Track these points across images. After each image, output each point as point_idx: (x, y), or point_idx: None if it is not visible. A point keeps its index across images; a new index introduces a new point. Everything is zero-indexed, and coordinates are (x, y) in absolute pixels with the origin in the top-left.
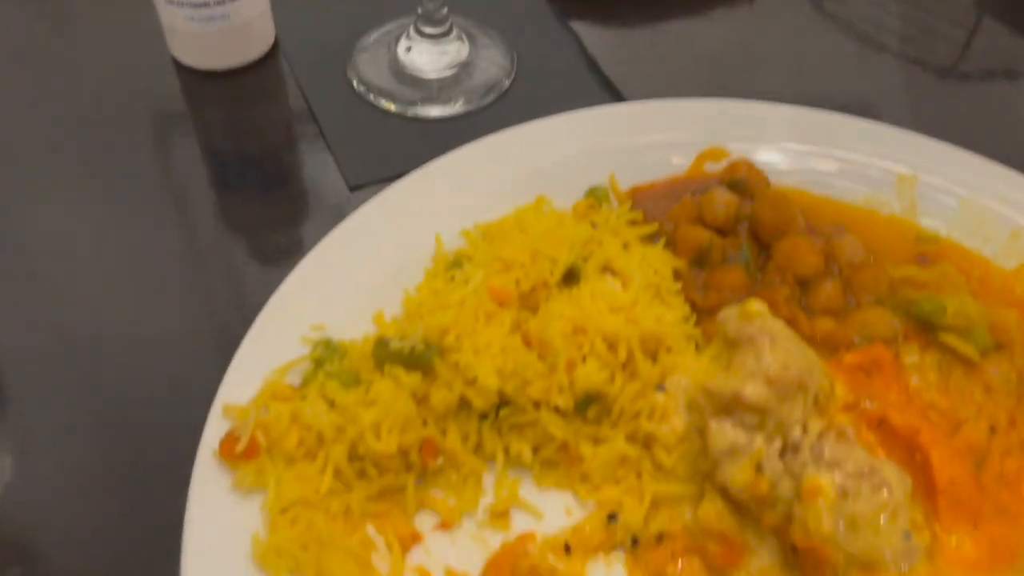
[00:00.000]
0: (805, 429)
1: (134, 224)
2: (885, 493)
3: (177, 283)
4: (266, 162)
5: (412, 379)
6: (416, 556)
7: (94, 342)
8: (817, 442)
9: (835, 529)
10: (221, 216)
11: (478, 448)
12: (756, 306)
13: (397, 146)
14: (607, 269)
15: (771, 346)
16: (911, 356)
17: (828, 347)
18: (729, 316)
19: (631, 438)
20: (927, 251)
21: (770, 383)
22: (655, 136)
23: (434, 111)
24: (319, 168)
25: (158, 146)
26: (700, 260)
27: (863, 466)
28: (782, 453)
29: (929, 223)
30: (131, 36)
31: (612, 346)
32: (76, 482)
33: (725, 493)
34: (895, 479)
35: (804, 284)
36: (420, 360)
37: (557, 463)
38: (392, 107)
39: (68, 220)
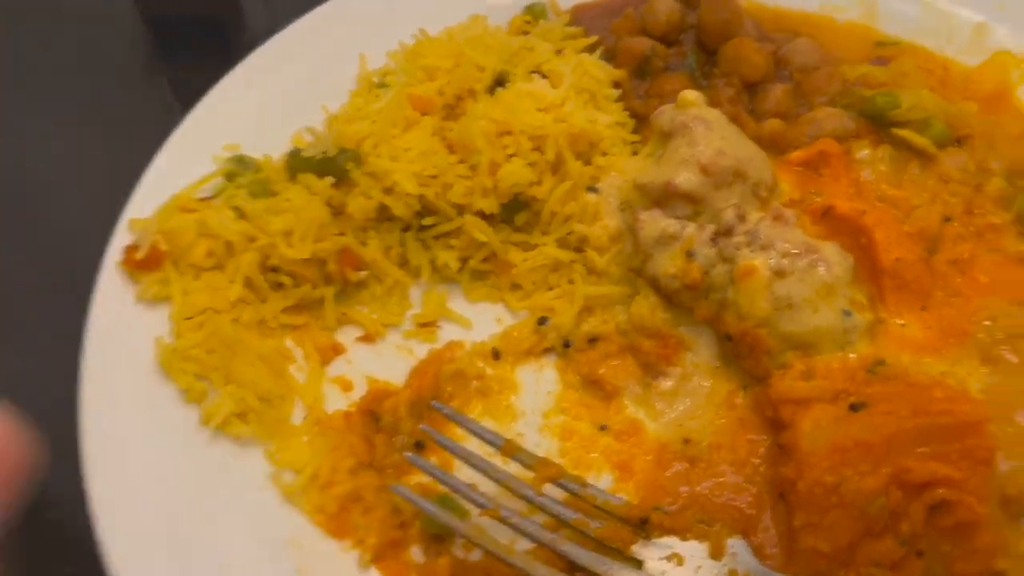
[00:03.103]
0: (743, 217)
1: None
2: (822, 270)
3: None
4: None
5: (324, 184)
6: (337, 367)
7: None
8: (753, 227)
9: (770, 310)
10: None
11: (404, 263)
12: (691, 96)
13: None
14: (537, 72)
15: (705, 132)
16: (862, 151)
17: (777, 148)
18: (664, 110)
19: (562, 243)
20: (885, 54)
21: (704, 170)
22: None
23: None
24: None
25: None
26: (641, 70)
27: (799, 245)
28: (715, 239)
29: (889, 28)
30: None
31: (539, 146)
32: None
33: (657, 287)
34: (834, 257)
35: (752, 89)
36: (332, 165)
37: (486, 274)
38: None
39: None
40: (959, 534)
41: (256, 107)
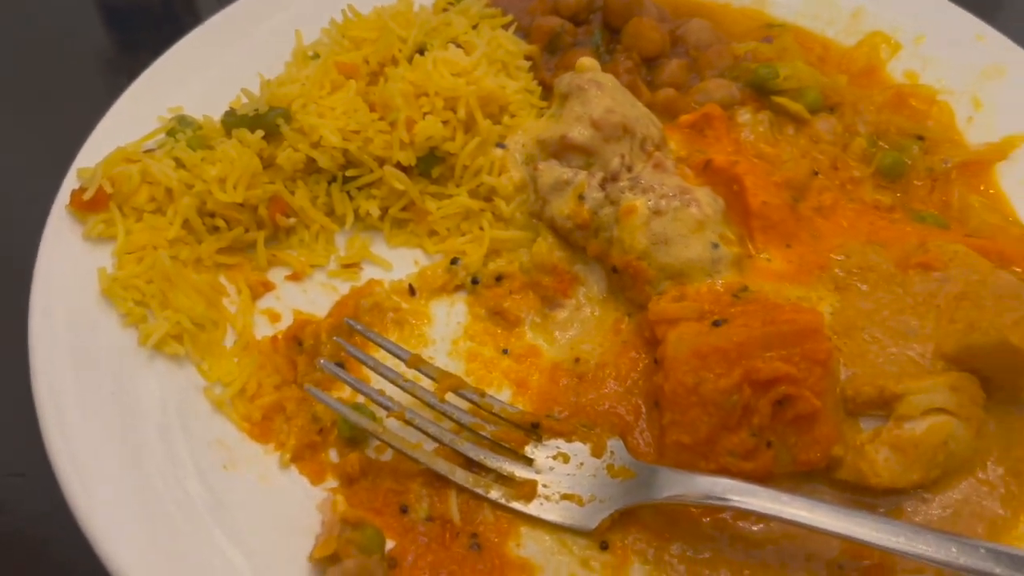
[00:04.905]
0: (630, 167)
1: None
2: (694, 209)
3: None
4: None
5: (255, 138)
6: (266, 301)
7: None
8: (636, 174)
9: (648, 244)
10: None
11: (330, 212)
12: (588, 62)
13: None
14: (453, 42)
15: (598, 93)
16: (744, 115)
17: (670, 113)
18: (565, 75)
19: (474, 194)
20: (774, 35)
21: (594, 125)
22: None
23: None
24: None
25: None
26: (552, 46)
27: (675, 189)
28: (603, 184)
29: (778, 12)
30: None
31: (452, 106)
32: None
33: (554, 228)
34: (706, 199)
35: (651, 63)
36: (263, 121)
37: (406, 222)
38: None
39: None
40: (801, 426)
41: (200, 76)
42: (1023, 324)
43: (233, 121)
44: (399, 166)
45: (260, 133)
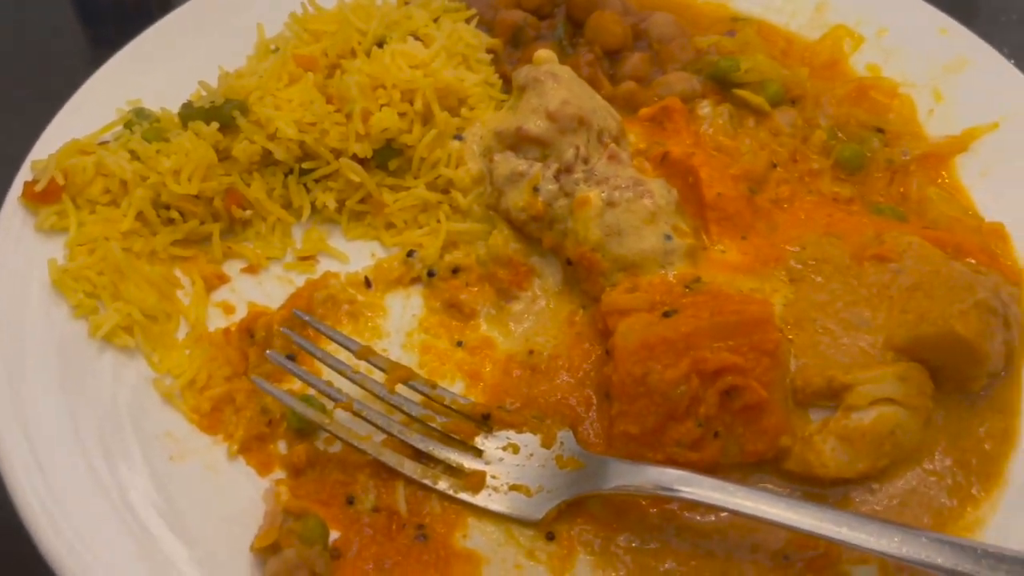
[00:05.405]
0: (586, 159)
1: None
2: (647, 201)
3: None
4: None
5: (211, 130)
6: (221, 294)
7: None
8: (591, 165)
9: (602, 235)
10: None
11: (287, 204)
12: (545, 54)
13: None
14: (413, 35)
15: (554, 85)
16: (704, 108)
17: (631, 107)
18: (523, 68)
19: (431, 186)
20: (738, 28)
21: (550, 117)
22: None
23: None
24: None
25: None
26: (515, 39)
27: (629, 180)
28: (558, 176)
29: (742, 6)
30: None
31: (410, 99)
32: None
33: (510, 220)
34: (659, 190)
35: (614, 56)
36: (219, 113)
37: (363, 215)
38: None
39: None
40: (748, 416)
41: (161, 70)
42: (971, 314)
43: (189, 113)
44: (356, 158)
45: (216, 125)
